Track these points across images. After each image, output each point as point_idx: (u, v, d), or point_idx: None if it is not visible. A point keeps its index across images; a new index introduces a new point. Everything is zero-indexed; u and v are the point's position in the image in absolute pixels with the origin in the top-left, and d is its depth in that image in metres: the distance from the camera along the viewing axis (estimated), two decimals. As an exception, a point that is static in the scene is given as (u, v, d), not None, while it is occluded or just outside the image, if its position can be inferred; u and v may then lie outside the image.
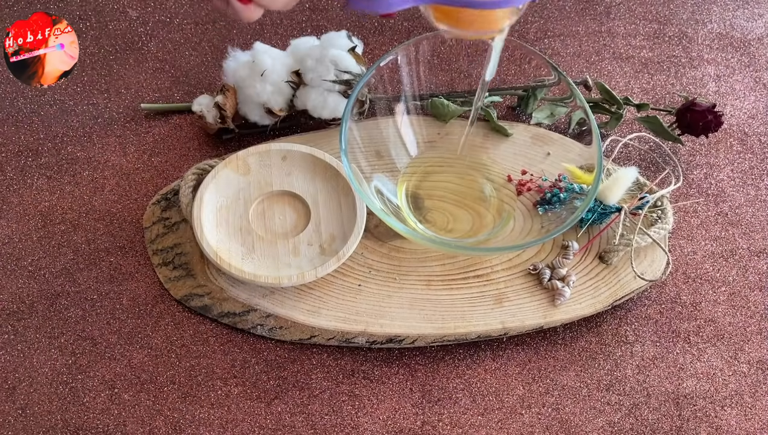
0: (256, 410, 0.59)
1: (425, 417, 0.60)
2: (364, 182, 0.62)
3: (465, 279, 0.64)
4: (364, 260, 0.65)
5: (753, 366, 0.63)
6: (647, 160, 0.74)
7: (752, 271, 0.68)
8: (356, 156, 0.63)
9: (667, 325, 0.65)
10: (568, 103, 0.73)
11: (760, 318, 0.66)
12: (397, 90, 0.67)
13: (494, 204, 0.67)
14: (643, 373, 0.63)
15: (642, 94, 0.79)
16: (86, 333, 0.62)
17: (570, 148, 0.70)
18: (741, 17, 0.86)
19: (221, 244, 0.62)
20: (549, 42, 0.82)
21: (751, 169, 0.74)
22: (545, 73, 0.73)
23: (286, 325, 0.62)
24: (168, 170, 0.70)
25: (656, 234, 0.65)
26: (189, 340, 0.62)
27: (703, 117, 0.70)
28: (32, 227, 0.67)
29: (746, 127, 0.77)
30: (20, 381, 0.60)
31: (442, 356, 0.63)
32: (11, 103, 0.74)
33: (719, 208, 0.72)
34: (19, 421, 0.58)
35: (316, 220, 0.64)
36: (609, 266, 0.65)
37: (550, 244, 0.66)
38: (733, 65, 0.82)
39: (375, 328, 0.61)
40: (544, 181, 0.67)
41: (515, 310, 0.63)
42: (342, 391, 0.61)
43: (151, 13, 0.81)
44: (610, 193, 0.65)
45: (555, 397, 0.61)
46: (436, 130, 0.70)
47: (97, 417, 0.59)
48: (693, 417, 0.61)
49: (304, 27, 0.81)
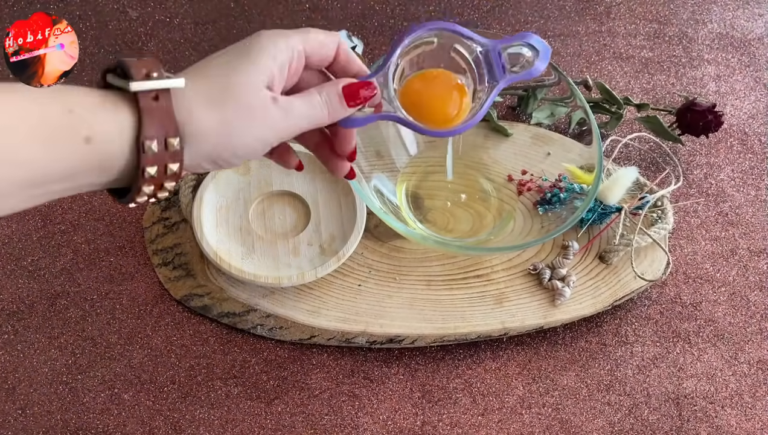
0: (256, 410, 0.59)
1: (425, 417, 0.60)
2: (363, 182, 0.62)
3: (465, 279, 0.64)
4: (364, 260, 0.65)
5: (753, 366, 0.63)
6: (647, 160, 0.74)
7: (752, 271, 0.68)
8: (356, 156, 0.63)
9: (667, 325, 0.65)
10: (568, 103, 0.73)
11: (760, 318, 0.66)
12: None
13: (494, 204, 0.67)
14: (643, 373, 0.63)
15: (642, 94, 0.79)
16: (86, 333, 0.62)
17: (570, 148, 0.70)
18: (741, 17, 0.86)
19: (221, 244, 0.62)
20: (549, 42, 0.82)
21: (751, 169, 0.74)
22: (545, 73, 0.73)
23: (286, 325, 0.62)
24: (168, 170, 0.70)
25: (656, 234, 0.65)
26: (189, 340, 0.62)
27: (703, 117, 0.70)
28: (32, 227, 0.67)
29: (746, 127, 0.77)
30: (20, 381, 0.60)
31: (442, 356, 0.63)
32: (11, 103, 0.73)
33: (719, 208, 0.72)
34: (19, 421, 0.58)
35: (316, 220, 0.64)
36: (609, 266, 0.65)
37: (550, 244, 0.66)
38: (733, 65, 0.82)
39: (375, 328, 0.61)
40: (544, 181, 0.67)
41: (515, 310, 0.63)
42: (342, 391, 0.61)
43: (151, 13, 0.81)
44: (610, 193, 0.65)
45: (555, 397, 0.61)
46: (436, 130, 0.70)
47: (97, 417, 0.59)
48: (693, 417, 0.61)
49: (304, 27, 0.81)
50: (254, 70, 0.40)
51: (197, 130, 0.39)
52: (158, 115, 0.37)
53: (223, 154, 0.41)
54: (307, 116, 0.43)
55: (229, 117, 0.39)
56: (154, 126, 0.37)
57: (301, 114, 0.43)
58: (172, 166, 0.38)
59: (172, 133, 0.37)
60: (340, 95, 0.44)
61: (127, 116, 0.36)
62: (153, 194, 0.40)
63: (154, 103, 0.37)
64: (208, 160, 0.41)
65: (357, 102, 0.45)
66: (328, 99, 0.44)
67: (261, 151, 0.43)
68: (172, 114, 0.37)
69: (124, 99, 0.37)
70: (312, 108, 0.43)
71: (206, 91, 0.39)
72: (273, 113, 0.41)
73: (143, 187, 0.38)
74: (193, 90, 0.39)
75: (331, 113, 0.44)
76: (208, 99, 0.39)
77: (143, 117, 0.36)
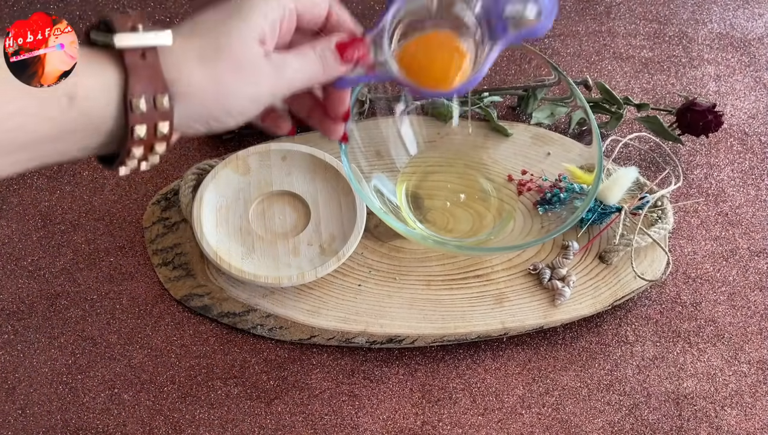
0: (256, 410, 0.59)
1: (425, 417, 0.60)
2: (363, 182, 0.62)
3: (465, 279, 0.64)
4: (364, 260, 0.65)
5: (753, 366, 0.63)
6: (647, 160, 0.74)
7: (752, 271, 0.68)
8: (356, 156, 0.63)
9: (667, 325, 0.65)
10: (568, 103, 0.73)
11: (760, 318, 0.66)
12: (397, 90, 0.67)
13: (494, 204, 0.67)
14: (643, 373, 0.63)
15: (642, 94, 0.79)
16: (86, 333, 0.62)
17: (570, 148, 0.70)
18: (741, 17, 0.86)
19: (221, 244, 0.62)
20: (549, 42, 0.82)
21: (751, 169, 0.74)
22: (545, 73, 0.73)
23: (286, 325, 0.62)
24: (168, 170, 0.70)
25: (656, 234, 0.65)
26: (189, 340, 0.62)
27: (703, 117, 0.70)
28: (32, 227, 0.67)
29: (746, 127, 0.77)
30: (20, 381, 0.60)
31: (442, 356, 0.63)
32: (11, 103, 0.73)
33: (719, 208, 0.72)
34: (19, 421, 0.58)
35: (316, 220, 0.64)
36: (609, 266, 0.65)
37: (550, 244, 0.66)
38: (733, 65, 0.82)
39: (375, 328, 0.61)
40: (544, 181, 0.67)
41: (515, 310, 0.63)
42: (342, 391, 0.61)
43: (151, 13, 0.81)
44: (610, 193, 0.65)
45: (555, 397, 0.61)
46: (435, 130, 0.70)
47: (97, 417, 0.59)
48: (693, 417, 0.61)
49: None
50: (245, 27, 0.40)
51: (188, 88, 0.38)
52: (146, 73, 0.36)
53: (215, 112, 0.40)
54: (301, 71, 0.42)
55: (220, 74, 0.38)
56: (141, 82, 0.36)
57: (295, 69, 0.42)
58: (161, 126, 0.37)
59: (161, 90, 0.37)
60: (333, 51, 0.44)
61: (113, 74, 0.36)
62: (143, 157, 0.39)
63: (141, 61, 0.36)
64: (200, 120, 0.40)
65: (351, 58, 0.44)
66: (322, 54, 0.43)
67: (254, 109, 0.41)
68: (160, 71, 0.37)
69: (110, 57, 0.36)
70: (306, 63, 0.43)
71: (196, 49, 0.38)
72: (266, 69, 0.40)
73: (133, 148, 0.37)
74: (182, 47, 0.38)
75: (325, 69, 0.43)
76: (199, 56, 0.38)
77: (129, 74, 0.35)
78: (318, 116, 0.49)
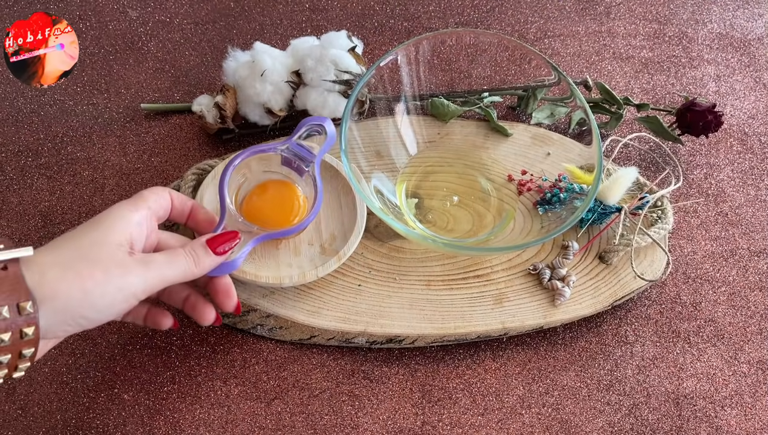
0: (256, 410, 0.59)
1: (425, 417, 0.60)
2: (363, 182, 0.62)
3: (465, 279, 0.64)
4: (364, 260, 0.65)
5: (753, 366, 0.63)
6: (647, 160, 0.74)
7: (752, 271, 0.68)
8: (356, 156, 0.63)
9: (667, 325, 0.65)
10: (568, 103, 0.73)
11: (760, 318, 0.66)
12: (397, 90, 0.67)
13: (494, 204, 0.67)
14: (643, 373, 0.63)
15: (642, 94, 0.79)
16: (86, 333, 0.62)
17: (570, 148, 0.70)
18: (741, 17, 0.86)
19: (221, 244, 0.62)
20: (549, 42, 0.82)
21: (751, 169, 0.74)
22: (545, 73, 0.73)
23: (286, 325, 0.62)
24: (168, 170, 0.70)
25: (656, 234, 0.65)
26: (189, 340, 0.62)
27: (703, 117, 0.70)
28: (32, 227, 0.67)
29: (746, 127, 0.77)
30: (20, 381, 0.60)
31: (442, 356, 0.63)
32: (11, 103, 0.74)
33: (719, 208, 0.72)
34: (19, 421, 0.58)
35: (317, 220, 0.64)
36: (609, 266, 0.65)
37: (550, 244, 0.66)
38: (733, 65, 0.82)
39: (375, 328, 0.61)
40: (544, 181, 0.67)
41: (515, 310, 0.63)
42: (342, 391, 0.61)
43: (151, 13, 0.81)
44: (610, 193, 0.65)
45: (555, 397, 0.61)
46: (436, 130, 0.70)
47: (97, 417, 0.59)
48: (693, 417, 0.61)
49: (304, 27, 0.81)
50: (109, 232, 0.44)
51: (51, 292, 0.40)
52: (8, 282, 0.39)
53: (83, 311, 0.42)
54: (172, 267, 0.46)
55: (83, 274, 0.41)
56: (3, 293, 0.38)
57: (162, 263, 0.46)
58: (27, 331, 0.39)
59: (24, 297, 0.39)
60: (203, 245, 0.49)
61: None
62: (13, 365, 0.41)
63: (3, 273, 0.39)
64: (70, 320, 0.42)
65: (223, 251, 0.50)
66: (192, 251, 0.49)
67: (125, 303, 0.44)
68: (22, 279, 0.39)
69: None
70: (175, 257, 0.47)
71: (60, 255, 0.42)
72: (131, 265, 0.44)
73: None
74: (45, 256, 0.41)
75: (198, 263, 0.49)
76: (62, 262, 0.41)
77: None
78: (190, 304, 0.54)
